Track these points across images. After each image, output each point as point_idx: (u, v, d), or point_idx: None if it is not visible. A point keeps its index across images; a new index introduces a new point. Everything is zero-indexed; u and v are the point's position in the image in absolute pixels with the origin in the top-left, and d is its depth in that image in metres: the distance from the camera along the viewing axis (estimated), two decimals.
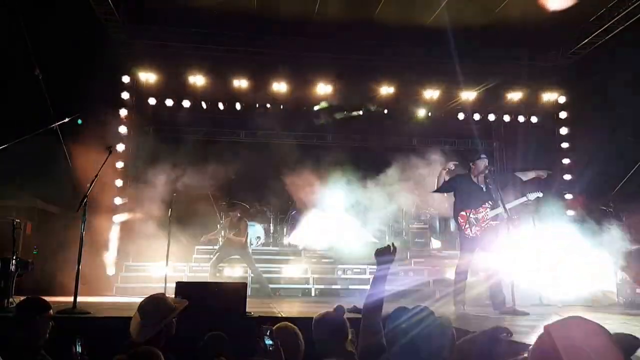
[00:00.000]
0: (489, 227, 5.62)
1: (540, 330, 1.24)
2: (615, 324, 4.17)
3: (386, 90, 10.34)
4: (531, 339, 1.13)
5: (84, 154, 7.52)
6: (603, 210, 7.07)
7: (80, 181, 7.21)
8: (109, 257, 8.73)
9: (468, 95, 10.52)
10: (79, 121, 6.22)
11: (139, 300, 2.89)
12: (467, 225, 5.65)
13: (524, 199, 5.78)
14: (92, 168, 5.45)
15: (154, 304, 2.75)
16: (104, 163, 5.36)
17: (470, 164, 5.87)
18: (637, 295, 6.72)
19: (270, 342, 2.36)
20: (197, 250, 9.22)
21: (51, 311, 3.02)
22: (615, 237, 6.51)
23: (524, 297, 6.30)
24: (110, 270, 8.59)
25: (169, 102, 10.23)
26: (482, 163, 5.76)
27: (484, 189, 5.74)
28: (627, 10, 8.22)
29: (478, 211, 5.64)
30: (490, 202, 5.66)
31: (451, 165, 5.94)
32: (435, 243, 10.62)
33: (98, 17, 8.60)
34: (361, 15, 8.98)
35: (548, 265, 6.99)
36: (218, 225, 8.94)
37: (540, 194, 5.90)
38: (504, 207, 5.42)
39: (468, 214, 5.66)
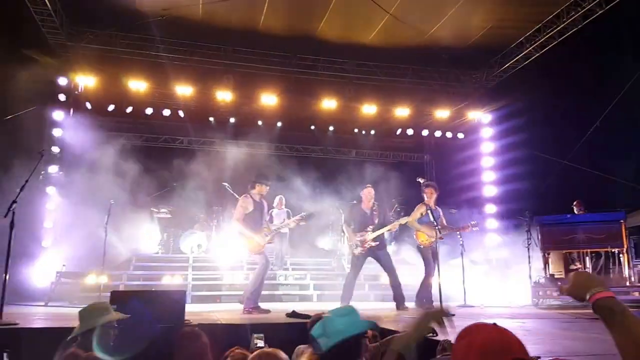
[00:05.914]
0: (371, 247, 6.41)
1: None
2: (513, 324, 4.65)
3: (327, 104, 10.72)
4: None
5: (16, 158, 7.22)
6: (519, 219, 7.81)
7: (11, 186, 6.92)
8: (42, 265, 8.39)
9: (402, 111, 11.13)
10: None
11: (72, 310, 2.95)
12: (353, 246, 6.55)
13: (397, 223, 6.67)
14: (24, 172, 5.32)
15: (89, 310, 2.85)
16: (34, 168, 5.25)
17: (360, 193, 6.75)
18: (547, 297, 7.52)
19: None
20: (136, 258, 9.05)
21: None
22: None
23: (451, 298, 6.91)
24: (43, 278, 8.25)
25: (109, 107, 10.00)
26: (367, 191, 6.64)
27: (369, 214, 6.57)
28: (543, 39, 9.15)
29: (362, 234, 6.46)
30: (371, 226, 6.47)
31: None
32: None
33: (35, 19, 8.29)
34: (304, 30, 9.28)
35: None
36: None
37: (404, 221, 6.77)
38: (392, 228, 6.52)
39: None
